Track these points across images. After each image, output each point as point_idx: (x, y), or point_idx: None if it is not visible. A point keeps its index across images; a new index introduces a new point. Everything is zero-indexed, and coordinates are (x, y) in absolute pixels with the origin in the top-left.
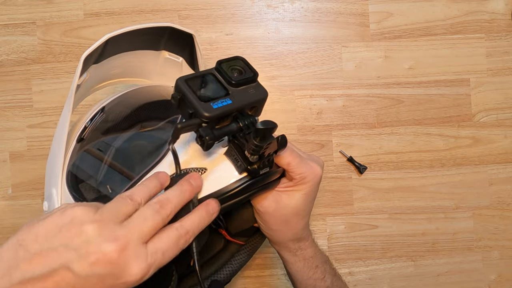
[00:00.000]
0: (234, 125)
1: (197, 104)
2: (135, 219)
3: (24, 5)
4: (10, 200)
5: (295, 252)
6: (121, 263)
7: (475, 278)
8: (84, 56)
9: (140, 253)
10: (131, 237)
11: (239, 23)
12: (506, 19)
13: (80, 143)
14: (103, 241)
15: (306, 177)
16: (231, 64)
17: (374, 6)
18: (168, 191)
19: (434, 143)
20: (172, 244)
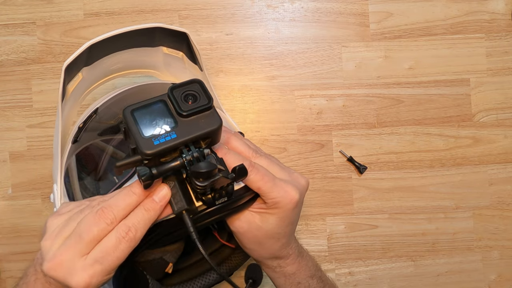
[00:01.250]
0: (178, 161)
1: (138, 139)
2: (76, 234)
3: (24, 5)
4: (10, 200)
5: (274, 269)
6: (60, 278)
7: (475, 278)
8: (65, 64)
9: (76, 267)
10: (67, 255)
11: (239, 23)
12: (506, 19)
13: (74, 145)
14: (45, 258)
15: (278, 202)
16: (185, 89)
17: (374, 6)
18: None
19: (434, 143)
20: (110, 251)
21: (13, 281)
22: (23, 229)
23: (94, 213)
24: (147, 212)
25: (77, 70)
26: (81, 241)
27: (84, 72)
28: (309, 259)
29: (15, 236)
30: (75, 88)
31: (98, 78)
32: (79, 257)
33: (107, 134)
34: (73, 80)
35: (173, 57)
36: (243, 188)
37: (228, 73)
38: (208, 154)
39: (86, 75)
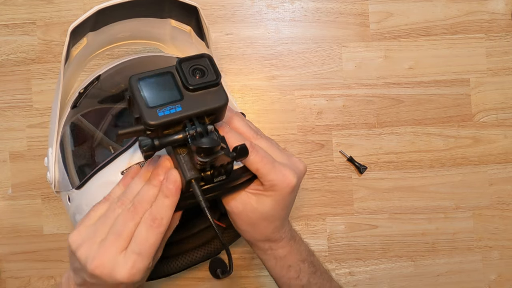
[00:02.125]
0: (180, 134)
1: (143, 109)
2: (112, 235)
3: (24, 5)
4: (10, 200)
5: (266, 251)
6: (105, 276)
7: (475, 278)
8: (71, 27)
9: (119, 262)
10: (107, 253)
11: (239, 23)
12: (506, 19)
13: (73, 110)
14: (87, 261)
15: (275, 185)
16: (194, 63)
17: (374, 6)
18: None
19: (434, 143)
20: (144, 240)
21: (13, 281)
22: (23, 229)
23: (126, 211)
24: (167, 198)
25: (82, 34)
26: (118, 238)
27: (89, 37)
28: (301, 243)
29: (15, 236)
30: (78, 53)
31: (102, 44)
32: (119, 253)
33: (107, 103)
34: (78, 43)
35: (181, 31)
36: (242, 168)
37: (228, 73)
38: (212, 131)
39: (91, 40)
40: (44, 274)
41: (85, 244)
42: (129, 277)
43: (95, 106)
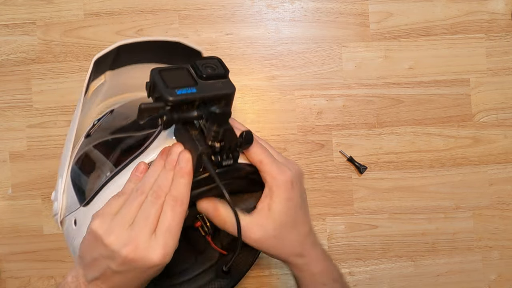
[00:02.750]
0: (195, 112)
1: (162, 89)
2: (140, 219)
3: (24, 5)
4: (10, 200)
5: (301, 268)
6: (140, 258)
7: (475, 278)
8: (95, 58)
9: (151, 244)
10: (140, 235)
11: (239, 23)
12: (506, 19)
13: (87, 139)
14: (121, 247)
15: (276, 179)
16: (206, 61)
17: (374, 6)
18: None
19: (434, 143)
20: (171, 219)
21: (13, 281)
22: (23, 229)
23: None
24: (182, 178)
25: (101, 71)
26: (146, 222)
27: (107, 76)
28: (333, 264)
29: (15, 236)
30: (96, 89)
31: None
32: (150, 236)
33: (118, 133)
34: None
35: None
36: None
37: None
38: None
39: (108, 79)
40: (44, 274)
41: (115, 230)
42: (163, 257)
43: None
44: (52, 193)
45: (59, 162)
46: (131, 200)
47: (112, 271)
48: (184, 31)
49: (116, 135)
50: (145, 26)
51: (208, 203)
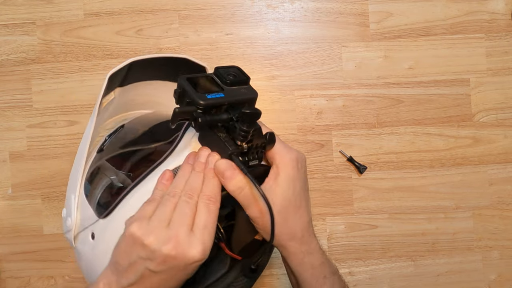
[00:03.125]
0: (225, 115)
1: (193, 94)
2: (176, 218)
3: (24, 5)
4: (10, 200)
5: (303, 259)
6: (181, 255)
7: (475, 278)
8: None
9: (191, 241)
10: (179, 233)
11: (239, 23)
12: (506, 19)
13: (99, 154)
14: (161, 245)
15: (283, 156)
16: (228, 69)
17: (374, 6)
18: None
19: (434, 143)
20: (207, 216)
21: (13, 281)
22: (23, 229)
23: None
24: (214, 178)
25: (112, 88)
26: (183, 220)
27: (116, 92)
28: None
29: (15, 236)
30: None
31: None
32: (189, 233)
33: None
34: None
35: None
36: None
37: None
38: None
39: (117, 96)
40: (44, 274)
41: (154, 230)
42: (203, 253)
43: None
44: (63, 210)
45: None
46: (164, 203)
47: (150, 272)
48: (184, 31)
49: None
50: (145, 26)
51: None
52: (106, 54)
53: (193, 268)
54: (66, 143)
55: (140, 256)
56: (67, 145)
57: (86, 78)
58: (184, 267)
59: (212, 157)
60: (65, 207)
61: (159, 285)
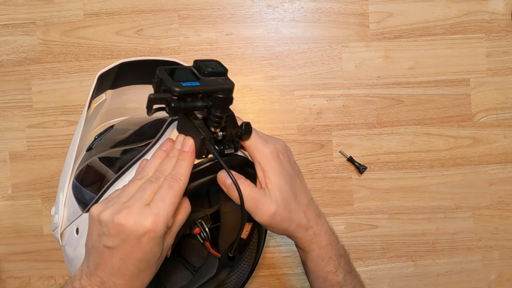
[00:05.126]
0: (199, 102)
1: (169, 82)
2: (136, 195)
3: (24, 5)
4: (10, 200)
5: (310, 241)
6: (131, 224)
7: (475, 278)
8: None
9: (143, 211)
10: (133, 205)
11: (239, 23)
12: (506, 19)
13: (88, 152)
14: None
15: (261, 150)
16: (206, 62)
17: (374, 6)
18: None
19: (434, 143)
20: (166, 191)
21: (13, 281)
22: (23, 229)
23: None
24: (184, 161)
25: (103, 89)
26: (142, 195)
27: (108, 94)
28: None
29: (15, 236)
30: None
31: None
32: (144, 206)
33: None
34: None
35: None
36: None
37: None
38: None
39: (109, 99)
40: (44, 274)
41: (111, 207)
42: (153, 222)
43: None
44: (52, 208)
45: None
46: (129, 184)
47: (108, 250)
48: (184, 31)
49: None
50: (145, 26)
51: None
52: (106, 54)
53: (147, 243)
54: (66, 143)
55: (98, 233)
56: (67, 145)
57: (86, 78)
58: (137, 239)
59: (186, 141)
60: (54, 206)
61: (119, 266)
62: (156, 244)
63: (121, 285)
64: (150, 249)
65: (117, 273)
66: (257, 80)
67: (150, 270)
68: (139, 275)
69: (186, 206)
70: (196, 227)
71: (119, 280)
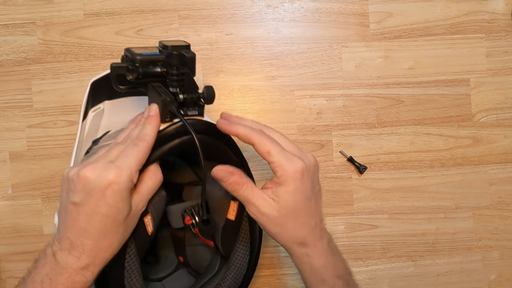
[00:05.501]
0: (158, 68)
1: (132, 54)
2: (103, 154)
3: (24, 5)
4: (10, 200)
5: (302, 259)
6: (96, 176)
7: (475, 278)
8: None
9: (108, 166)
10: (99, 161)
11: (239, 23)
12: (506, 19)
13: (85, 156)
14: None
15: (285, 170)
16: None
17: (374, 6)
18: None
19: (434, 143)
20: (130, 149)
21: (13, 281)
22: (23, 229)
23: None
24: (148, 124)
25: (99, 99)
26: (107, 154)
27: (105, 105)
28: (339, 258)
29: (15, 236)
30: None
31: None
32: (108, 162)
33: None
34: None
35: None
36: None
37: (228, 73)
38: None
39: (106, 110)
40: None
41: (78, 166)
42: (117, 175)
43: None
44: (55, 215)
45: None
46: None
47: (74, 207)
48: (184, 31)
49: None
50: (145, 26)
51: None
52: (106, 54)
53: (110, 196)
54: (66, 143)
55: (66, 191)
56: (67, 145)
57: (86, 78)
58: (101, 192)
59: (150, 106)
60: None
61: (86, 223)
62: (121, 199)
63: (89, 245)
64: (114, 203)
65: (84, 232)
66: (257, 80)
67: (117, 230)
68: (106, 235)
69: (157, 174)
70: (187, 215)
71: (87, 240)
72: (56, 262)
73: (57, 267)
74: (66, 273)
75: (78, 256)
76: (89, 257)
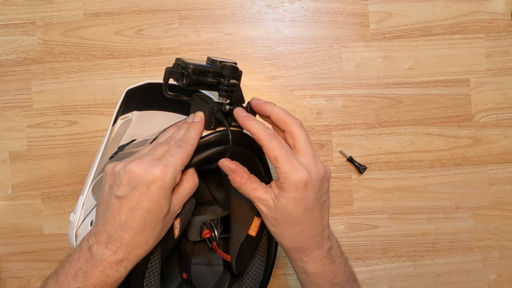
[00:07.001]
0: (210, 79)
1: (184, 62)
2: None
3: (24, 5)
4: (10, 200)
5: (296, 262)
6: (142, 171)
7: (475, 278)
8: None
9: (154, 163)
10: (144, 157)
11: (239, 23)
12: (506, 19)
13: (110, 160)
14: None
15: (288, 177)
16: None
17: (374, 6)
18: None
19: (434, 143)
20: (175, 149)
21: (13, 281)
22: (23, 229)
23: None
24: (193, 128)
25: (129, 109)
26: (154, 151)
27: (133, 115)
28: (341, 267)
29: (15, 236)
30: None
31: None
32: (155, 159)
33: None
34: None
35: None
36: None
37: None
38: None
39: (134, 119)
40: (44, 274)
41: (124, 161)
42: (162, 171)
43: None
44: (71, 214)
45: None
46: (142, 148)
47: (117, 201)
48: (184, 31)
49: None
50: (145, 26)
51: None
52: (106, 54)
53: (155, 192)
54: (66, 143)
55: (110, 185)
56: (67, 145)
57: (86, 78)
58: (145, 187)
59: (196, 114)
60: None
61: (127, 217)
62: (163, 196)
63: (127, 239)
64: (157, 199)
65: (124, 225)
66: (257, 80)
67: (155, 227)
68: (144, 231)
69: (194, 178)
70: (205, 228)
71: (125, 234)
72: (92, 255)
73: (92, 260)
74: (101, 266)
75: (114, 250)
76: (125, 251)
